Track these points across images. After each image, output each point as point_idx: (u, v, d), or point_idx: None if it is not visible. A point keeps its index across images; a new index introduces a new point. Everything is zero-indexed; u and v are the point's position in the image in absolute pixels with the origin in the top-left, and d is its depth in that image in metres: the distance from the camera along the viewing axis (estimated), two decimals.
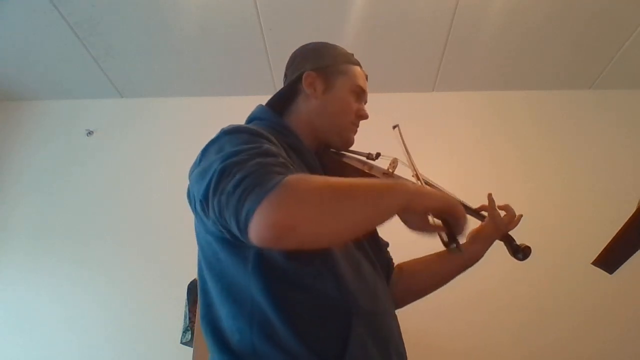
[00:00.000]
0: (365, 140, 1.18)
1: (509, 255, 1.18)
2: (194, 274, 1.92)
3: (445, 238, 0.78)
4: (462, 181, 2.25)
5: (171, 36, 2.45)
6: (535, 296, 2.31)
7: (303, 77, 1.04)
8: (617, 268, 1.11)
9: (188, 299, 1.93)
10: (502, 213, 1.16)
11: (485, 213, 1.16)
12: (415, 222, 0.77)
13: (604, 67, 2.63)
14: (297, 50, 1.13)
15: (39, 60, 2.63)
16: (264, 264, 0.76)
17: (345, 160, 1.03)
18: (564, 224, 2.44)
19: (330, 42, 1.15)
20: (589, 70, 2.67)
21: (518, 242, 1.16)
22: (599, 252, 1.08)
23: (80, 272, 2.52)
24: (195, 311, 1.82)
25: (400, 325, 0.95)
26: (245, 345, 0.75)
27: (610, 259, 1.09)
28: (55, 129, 2.87)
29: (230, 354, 0.77)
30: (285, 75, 1.13)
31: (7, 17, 2.33)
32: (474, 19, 2.33)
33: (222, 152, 0.76)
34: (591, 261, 1.09)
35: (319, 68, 1.05)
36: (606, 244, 1.05)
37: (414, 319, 2.20)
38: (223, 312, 0.80)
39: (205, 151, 0.83)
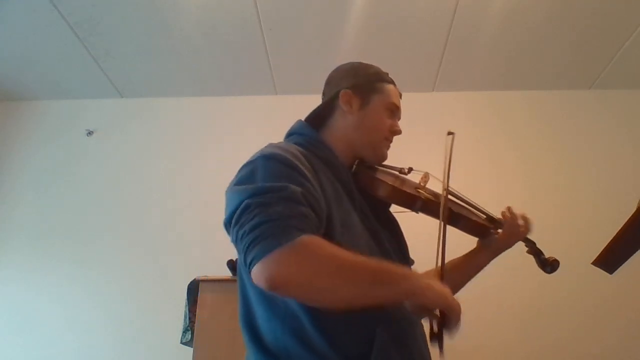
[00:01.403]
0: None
1: (508, 256, 1.18)
2: (194, 274, 1.93)
3: (435, 328, 0.83)
4: (462, 181, 2.24)
5: (171, 36, 2.45)
6: (535, 296, 2.31)
7: (340, 94, 1.09)
8: (617, 268, 1.11)
9: (188, 299, 1.93)
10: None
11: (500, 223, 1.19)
12: (415, 305, 0.84)
13: (604, 67, 2.63)
14: (333, 70, 1.18)
15: (39, 60, 2.63)
16: None
17: (378, 175, 1.06)
18: (564, 224, 2.44)
19: (330, 42, 1.16)
20: (589, 70, 2.67)
21: (546, 255, 1.18)
22: (599, 252, 1.08)
23: (80, 272, 2.52)
24: (195, 311, 1.82)
25: None
26: (278, 346, 0.82)
27: (610, 259, 1.09)
28: (55, 129, 2.87)
29: (264, 352, 0.83)
30: (323, 94, 1.19)
31: (7, 17, 2.33)
32: (474, 19, 2.33)
33: (253, 180, 0.83)
34: (591, 261, 1.09)
35: (354, 86, 1.09)
36: (606, 244, 1.05)
37: None
38: (259, 313, 0.86)
39: (240, 170, 0.90)
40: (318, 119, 1.12)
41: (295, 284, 0.72)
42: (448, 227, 0.98)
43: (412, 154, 1.16)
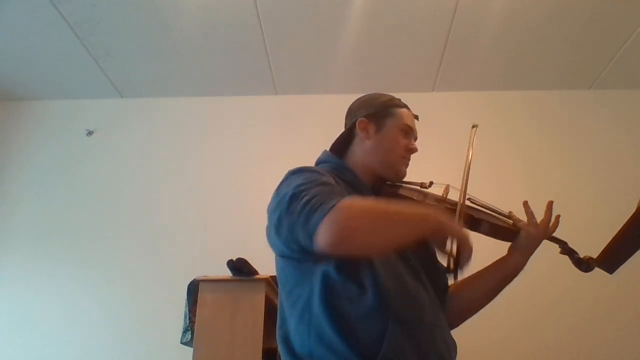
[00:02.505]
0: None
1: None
2: (194, 274, 1.93)
3: (452, 264, 0.93)
4: (461, 180, 2.24)
5: (171, 36, 2.45)
6: (535, 296, 2.31)
7: (357, 123, 1.19)
8: (617, 268, 1.11)
9: (188, 299, 1.93)
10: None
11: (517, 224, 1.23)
12: (436, 241, 0.97)
13: (604, 67, 2.63)
14: (353, 102, 1.28)
15: (39, 60, 2.63)
16: (324, 279, 0.93)
17: (401, 192, 1.16)
18: (564, 224, 2.43)
19: (330, 42, 1.19)
20: (589, 70, 2.67)
21: (581, 255, 1.19)
22: (599, 252, 1.08)
23: (80, 272, 2.52)
24: (195, 311, 1.82)
25: None
26: (305, 349, 0.92)
27: (610, 259, 1.09)
28: (55, 129, 2.87)
29: (293, 357, 0.95)
30: (345, 125, 1.27)
31: (7, 17, 2.33)
32: (474, 19, 2.33)
33: (290, 185, 0.95)
34: None
35: (370, 115, 1.20)
36: (606, 244, 1.06)
37: None
38: (291, 323, 0.97)
39: (277, 190, 0.99)
40: (340, 148, 1.23)
41: (356, 230, 0.84)
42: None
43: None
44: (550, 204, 1.26)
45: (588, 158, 2.64)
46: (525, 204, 1.25)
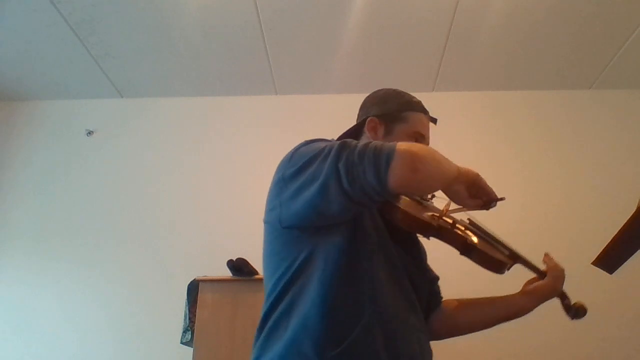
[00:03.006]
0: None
1: None
2: (194, 274, 1.93)
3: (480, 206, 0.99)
4: None
5: (171, 36, 2.45)
6: None
7: (367, 121, 1.13)
8: (617, 268, 1.11)
9: (188, 299, 1.93)
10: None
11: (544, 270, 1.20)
12: (459, 195, 0.96)
13: (604, 67, 2.63)
14: (369, 94, 1.21)
15: (39, 60, 2.63)
16: (324, 255, 0.91)
17: (398, 203, 1.06)
18: (564, 224, 2.44)
19: (330, 42, 1.17)
20: (589, 70, 2.67)
21: (572, 300, 1.21)
22: (599, 252, 1.08)
23: (81, 272, 2.52)
24: (195, 311, 1.82)
25: None
26: (273, 321, 0.93)
27: (610, 259, 1.09)
28: (55, 129, 2.87)
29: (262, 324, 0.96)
30: (358, 117, 1.21)
31: (7, 17, 2.33)
32: (474, 19, 2.33)
33: (317, 148, 0.90)
34: (591, 261, 1.09)
35: (382, 115, 1.13)
36: (606, 244, 1.05)
37: None
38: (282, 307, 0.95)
39: (289, 161, 0.94)
40: None
41: (420, 163, 0.84)
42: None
43: None
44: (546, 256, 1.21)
45: (588, 158, 2.64)
46: (548, 256, 1.20)
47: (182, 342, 1.94)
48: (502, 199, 1.05)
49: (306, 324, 0.87)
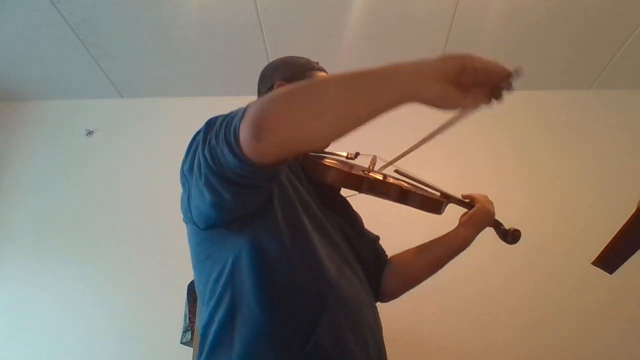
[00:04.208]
0: (363, 139, 1.19)
1: (508, 256, 1.19)
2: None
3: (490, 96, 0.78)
4: (462, 181, 2.25)
5: (171, 36, 2.45)
6: (535, 296, 2.30)
7: (274, 86, 1.14)
8: (617, 268, 1.11)
9: (188, 299, 1.93)
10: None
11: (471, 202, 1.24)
12: (446, 101, 0.73)
13: (604, 67, 2.63)
14: (265, 66, 1.24)
15: (39, 60, 2.63)
16: (256, 248, 0.84)
17: (325, 162, 1.05)
18: (564, 224, 2.44)
19: (331, 42, 1.17)
20: (589, 70, 2.67)
21: (507, 227, 1.21)
22: (599, 252, 1.08)
23: (81, 272, 2.52)
24: (195, 311, 1.82)
25: (400, 326, 0.96)
26: (222, 328, 0.83)
27: (610, 259, 1.09)
28: (55, 129, 2.87)
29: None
30: (259, 91, 1.23)
31: (7, 17, 2.33)
32: (474, 19, 2.33)
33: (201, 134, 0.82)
34: (591, 261, 1.09)
35: (287, 78, 1.14)
36: (606, 244, 1.05)
37: (415, 320, 2.21)
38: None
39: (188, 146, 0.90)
40: None
41: (273, 113, 0.67)
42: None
43: (414, 154, 1.16)
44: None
45: (588, 158, 2.64)
46: (466, 194, 1.25)
47: (182, 342, 1.94)
48: (516, 70, 0.72)
49: (258, 329, 0.78)
